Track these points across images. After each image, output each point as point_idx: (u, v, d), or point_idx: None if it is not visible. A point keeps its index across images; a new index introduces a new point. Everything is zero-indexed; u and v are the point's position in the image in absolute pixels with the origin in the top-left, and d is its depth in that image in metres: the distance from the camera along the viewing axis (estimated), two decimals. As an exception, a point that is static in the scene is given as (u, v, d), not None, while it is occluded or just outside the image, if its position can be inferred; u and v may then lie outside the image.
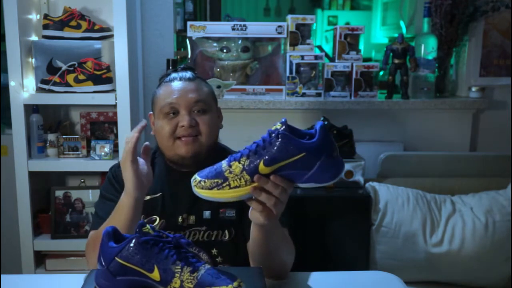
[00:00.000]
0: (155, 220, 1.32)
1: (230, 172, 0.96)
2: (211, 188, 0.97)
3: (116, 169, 1.38)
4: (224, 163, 0.98)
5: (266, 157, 0.93)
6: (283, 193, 0.97)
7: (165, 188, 1.35)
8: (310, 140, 0.93)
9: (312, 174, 0.93)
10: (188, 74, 1.36)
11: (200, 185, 0.98)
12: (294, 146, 0.91)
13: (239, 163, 0.95)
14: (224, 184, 0.96)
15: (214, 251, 1.32)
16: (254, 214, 1.02)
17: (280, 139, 0.92)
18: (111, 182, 1.36)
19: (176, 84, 1.33)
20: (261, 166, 0.93)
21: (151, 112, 1.40)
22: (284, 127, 0.93)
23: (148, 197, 1.34)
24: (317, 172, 0.93)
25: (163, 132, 1.31)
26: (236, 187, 0.96)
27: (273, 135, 0.93)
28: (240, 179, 0.95)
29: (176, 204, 1.34)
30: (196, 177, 0.99)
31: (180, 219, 1.32)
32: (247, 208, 1.10)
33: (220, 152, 1.39)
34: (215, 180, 0.97)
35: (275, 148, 0.92)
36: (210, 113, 1.34)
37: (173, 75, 1.36)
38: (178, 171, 1.35)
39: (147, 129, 1.43)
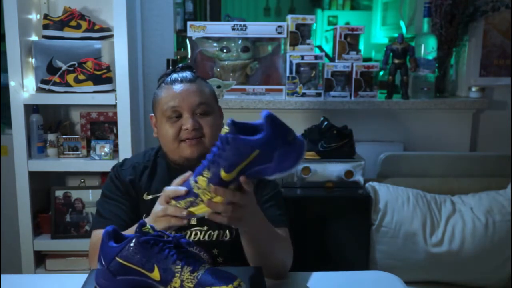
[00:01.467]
0: None
1: (198, 188, 0.96)
2: (187, 208, 0.99)
3: (118, 168, 1.38)
4: (191, 180, 0.98)
5: (225, 164, 0.91)
6: (243, 198, 0.97)
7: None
8: (259, 135, 0.90)
9: (275, 165, 0.91)
10: (189, 75, 1.35)
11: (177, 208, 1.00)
12: (245, 147, 0.89)
13: (203, 176, 0.95)
14: (197, 201, 0.97)
15: (215, 251, 1.32)
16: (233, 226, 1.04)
17: (229, 144, 0.90)
18: (113, 182, 1.36)
19: (178, 87, 1.32)
20: (223, 174, 0.92)
21: (152, 114, 1.40)
22: (230, 129, 0.90)
23: (150, 197, 1.34)
24: (279, 162, 0.90)
25: (167, 136, 1.31)
26: (209, 200, 0.96)
27: (223, 141, 0.91)
28: (209, 192, 0.95)
29: None
30: (172, 201, 1.01)
31: None
32: None
33: None
34: (188, 199, 0.98)
35: (229, 153, 0.90)
36: (212, 114, 1.34)
37: (174, 76, 1.35)
38: (180, 171, 1.35)
39: (149, 130, 1.43)
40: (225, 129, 0.91)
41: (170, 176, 1.36)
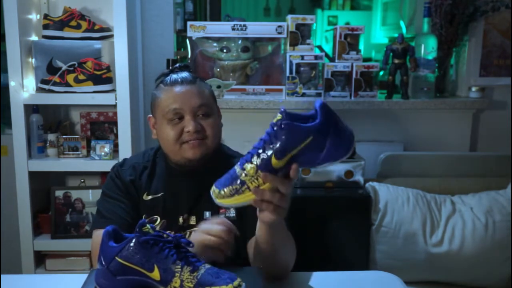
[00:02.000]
0: (156, 220, 1.32)
1: (246, 175, 0.95)
2: (232, 195, 0.96)
3: (119, 168, 1.38)
4: (237, 168, 0.97)
5: (276, 150, 0.92)
6: (289, 187, 0.97)
7: (166, 188, 1.35)
8: (314, 122, 0.92)
9: (326, 153, 0.92)
10: (188, 76, 1.34)
11: (221, 195, 0.97)
12: (299, 133, 0.90)
13: (252, 163, 0.94)
14: (243, 188, 0.95)
15: None
16: (264, 213, 1.02)
17: (284, 129, 0.90)
18: (114, 181, 1.36)
19: (178, 88, 1.30)
20: (274, 160, 0.92)
21: (150, 115, 1.39)
22: (283, 117, 0.92)
23: (149, 197, 1.34)
24: (330, 150, 0.92)
25: (168, 138, 1.30)
26: (257, 187, 0.95)
27: (276, 127, 0.92)
28: (257, 179, 0.94)
29: (177, 204, 1.34)
30: (215, 189, 0.98)
31: (181, 219, 1.32)
32: (247, 208, 1.11)
33: (222, 152, 1.40)
34: (234, 187, 0.96)
35: (282, 139, 0.91)
36: (213, 115, 1.33)
37: (173, 77, 1.33)
38: (180, 171, 1.35)
39: (149, 130, 1.43)
40: (277, 117, 0.92)
41: (170, 176, 1.36)
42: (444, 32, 2.44)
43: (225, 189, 0.96)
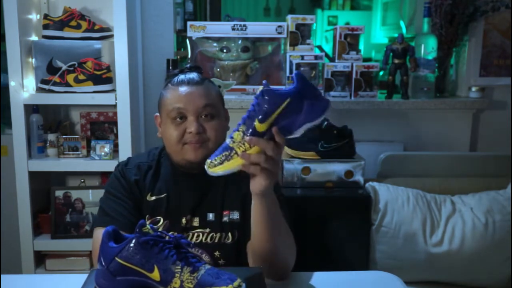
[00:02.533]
0: (159, 221, 1.32)
1: (233, 142, 1.02)
2: (222, 163, 1.03)
3: (124, 167, 1.38)
4: (227, 139, 1.04)
5: (259, 114, 1.00)
6: (275, 149, 1.01)
7: (170, 189, 1.35)
8: (290, 87, 1.02)
9: (304, 114, 1.01)
10: (196, 76, 1.34)
11: (212, 164, 1.03)
12: (278, 96, 1.00)
13: (239, 131, 1.02)
14: (232, 154, 1.02)
15: (216, 253, 1.32)
16: (254, 180, 1.05)
17: (265, 95, 1.00)
18: (119, 180, 1.35)
19: (184, 88, 1.30)
20: (257, 124, 1.00)
21: (157, 114, 1.39)
22: (264, 86, 1.02)
23: (153, 198, 1.34)
24: (308, 110, 1.01)
25: (171, 138, 1.30)
26: (244, 151, 1.01)
27: (259, 96, 1.01)
28: (244, 144, 1.01)
29: (180, 206, 1.33)
30: (207, 161, 1.05)
31: (184, 220, 1.32)
32: (250, 209, 1.11)
33: None
34: (223, 154, 1.03)
35: (263, 104, 1.00)
36: (218, 118, 1.33)
37: (181, 77, 1.33)
38: (184, 172, 1.35)
39: (152, 130, 1.43)
40: (259, 89, 1.02)
41: (174, 177, 1.36)
42: (444, 32, 2.44)
43: (216, 158, 1.03)
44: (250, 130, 1.01)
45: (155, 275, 0.93)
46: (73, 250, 2.19)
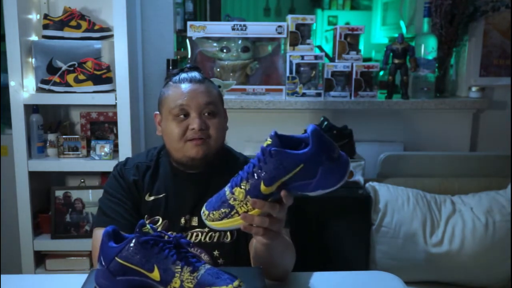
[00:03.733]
0: (158, 221, 1.32)
1: (235, 200, 0.94)
2: (221, 219, 0.95)
3: (122, 167, 1.38)
4: (227, 190, 0.95)
5: (265, 177, 0.89)
6: (281, 211, 0.95)
7: (169, 189, 1.35)
8: (305, 149, 0.88)
9: (317, 181, 0.89)
10: (197, 75, 1.35)
11: (210, 218, 0.96)
12: (289, 160, 0.87)
13: (241, 188, 0.93)
14: (233, 212, 0.94)
15: (216, 252, 1.32)
16: (256, 239, 1.02)
17: (273, 157, 0.88)
18: (117, 180, 1.35)
19: (187, 86, 1.31)
20: (263, 187, 0.90)
21: (157, 112, 1.39)
22: (273, 142, 0.89)
23: (152, 198, 1.34)
24: (322, 178, 0.89)
25: (172, 134, 1.30)
26: (246, 212, 0.94)
27: (266, 153, 0.89)
28: (246, 204, 0.93)
29: (179, 205, 1.33)
30: (205, 211, 0.97)
31: (182, 220, 1.32)
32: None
33: (226, 153, 1.40)
34: (223, 211, 0.95)
35: (271, 166, 0.88)
36: (219, 116, 1.33)
37: (183, 75, 1.34)
38: (183, 172, 1.35)
39: (151, 129, 1.43)
40: (267, 141, 0.90)
41: (172, 177, 1.36)
42: (444, 32, 2.44)
43: (215, 212, 0.95)
44: (254, 191, 0.91)
45: (155, 275, 0.93)
46: (73, 250, 2.19)
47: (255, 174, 0.91)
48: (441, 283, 2.03)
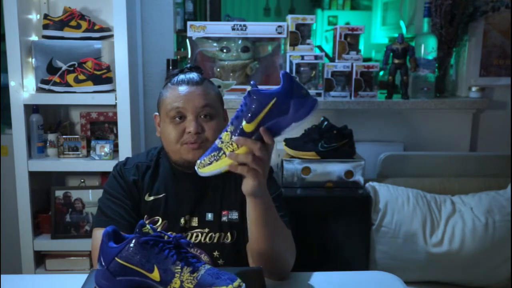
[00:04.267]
0: (157, 221, 1.32)
1: (222, 142, 1.03)
2: (210, 163, 1.03)
3: (122, 167, 1.37)
4: (217, 140, 1.05)
5: (246, 115, 1.00)
6: (263, 149, 1.00)
7: (169, 189, 1.35)
8: (277, 87, 1.01)
9: (290, 114, 0.99)
10: (196, 76, 1.34)
11: (202, 164, 1.04)
12: (264, 96, 1.00)
13: (227, 131, 1.03)
14: (220, 154, 1.02)
15: (216, 253, 1.31)
16: (244, 182, 1.05)
17: (251, 95, 1.00)
18: (117, 180, 1.35)
19: (184, 88, 1.30)
20: (245, 125, 1.00)
21: (157, 113, 1.39)
22: (252, 87, 1.03)
23: (151, 198, 1.34)
24: (294, 110, 0.99)
25: (169, 137, 1.30)
26: (232, 152, 1.02)
27: (246, 96, 1.01)
28: (232, 144, 1.01)
29: (179, 206, 1.33)
30: (197, 161, 1.05)
31: (182, 220, 1.32)
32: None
33: None
34: (212, 154, 1.03)
35: (250, 104, 1.00)
36: (217, 118, 1.33)
37: (181, 77, 1.34)
38: (183, 172, 1.35)
39: (152, 129, 1.43)
40: (247, 89, 1.03)
41: (172, 177, 1.36)
42: (444, 32, 2.44)
43: (205, 158, 1.04)
44: (238, 131, 1.01)
45: (155, 275, 0.93)
46: (73, 250, 2.19)
47: (239, 117, 1.02)
48: (441, 283, 2.04)
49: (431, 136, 2.47)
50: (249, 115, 1.00)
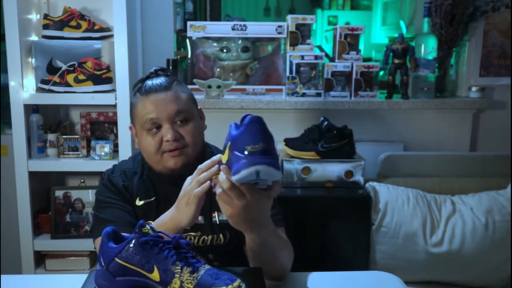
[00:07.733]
0: None
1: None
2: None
3: (110, 175, 1.36)
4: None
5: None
6: (231, 190, 0.97)
7: (158, 193, 1.34)
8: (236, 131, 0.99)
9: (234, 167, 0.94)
10: (164, 81, 1.29)
11: None
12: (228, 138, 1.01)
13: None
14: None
15: (210, 255, 1.31)
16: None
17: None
18: (108, 188, 1.34)
19: (154, 97, 1.27)
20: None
21: (131, 125, 1.37)
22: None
23: (142, 202, 1.33)
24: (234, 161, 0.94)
25: (149, 149, 1.28)
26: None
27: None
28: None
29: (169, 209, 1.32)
30: None
31: None
32: None
33: (209, 153, 1.36)
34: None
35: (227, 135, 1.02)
36: (192, 120, 1.30)
37: (148, 84, 1.29)
38: (169, 176, 1.33)
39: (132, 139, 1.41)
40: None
41: (160, 181, 1.34)
42: (444, 32, 2.44)
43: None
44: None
45: (155, 275, 0.93)
46: (73, 250, 2.19)
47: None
48: (441, 283, 2.04)
49: (431, 136, 2.47)
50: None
